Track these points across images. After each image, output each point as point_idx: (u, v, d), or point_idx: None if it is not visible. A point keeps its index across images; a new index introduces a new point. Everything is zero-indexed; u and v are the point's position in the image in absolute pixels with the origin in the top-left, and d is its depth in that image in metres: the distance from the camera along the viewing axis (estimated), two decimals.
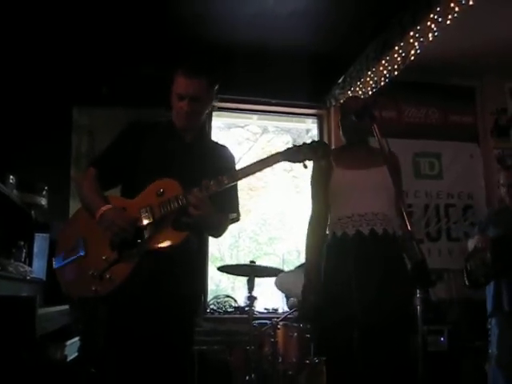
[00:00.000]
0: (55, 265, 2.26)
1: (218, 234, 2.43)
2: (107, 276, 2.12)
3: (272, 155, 2.17)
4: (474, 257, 3.58)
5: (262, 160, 2.17)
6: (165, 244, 2.13)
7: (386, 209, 2.61)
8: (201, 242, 2.40)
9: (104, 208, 2.16)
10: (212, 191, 2.13)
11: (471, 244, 3.70)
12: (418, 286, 2.32)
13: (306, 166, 2.15)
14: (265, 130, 6.98)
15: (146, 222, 2.14)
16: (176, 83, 2.31)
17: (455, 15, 3.52)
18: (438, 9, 3.56)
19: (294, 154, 2.13)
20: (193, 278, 2.32)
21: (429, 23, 3.70)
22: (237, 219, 2.44)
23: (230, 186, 2.28)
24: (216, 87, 2.39)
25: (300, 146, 2.15)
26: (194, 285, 2.33)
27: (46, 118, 4.73)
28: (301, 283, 2.69)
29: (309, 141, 2.18)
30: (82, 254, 2.20)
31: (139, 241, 2.14)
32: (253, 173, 2.19)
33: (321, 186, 2.74)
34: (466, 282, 3.61)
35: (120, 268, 2.13)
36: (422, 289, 2.37)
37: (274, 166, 2.16)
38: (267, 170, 2.22)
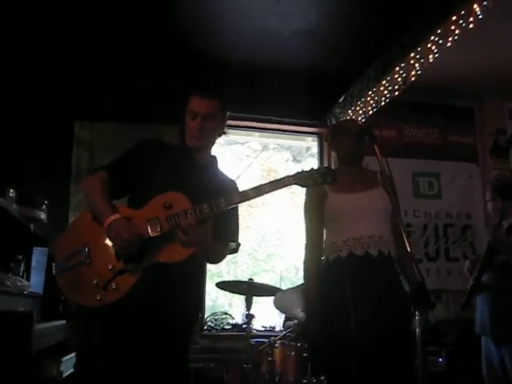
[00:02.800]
0: (56, 270, 2.22)
1: (213, 261, 2.44)
2: (112, 286, 2.11)
3: (283, 178, 2.19)
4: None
5: (273, 182, 2.19)
6: (170, 259, 2.12)
7: (381, 231, 2.60)
8: (204, 261, 2.41)
9: (112, 218, 2.14)
10: (222, 209, 2.12)
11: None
12: (416, 307, 2.30)
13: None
14: (265, 147, 6.99)
15: (152, 234, 2.13)
16: (190, 103, 2.37)
17: (455, 37, 3.55)
18: (439, 31, 3.59)
19: (304, 179, 2.18)
20: (192, 295, 2.32)
21: (429, 45, 3.73)
22: (235, 250, 2.44)
23: (231, 214, 2.30)
24: (227, 114, 2.46)
25: (309, 171, 2.19)
26: (192, 302, 2.33)
27: (47, 132, 4.74)
28: (298, 302, 2.68)
29: (316, 167, 2.23)
30: (85, 261, 2.17)
31: (145, 253, 2.13)
32: (263, 194, 2.19)
33: (315, 212, 2.71)
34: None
35: (125, 279, 2.11)
36: (421, 310, 2.34)
37: (284, 188, 2.19)
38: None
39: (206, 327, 4.97)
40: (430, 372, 4.09)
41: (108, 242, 2.16)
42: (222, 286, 4.11)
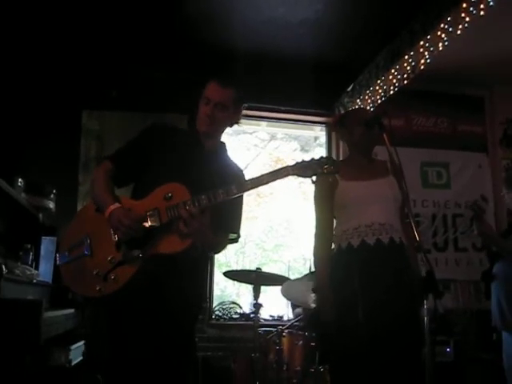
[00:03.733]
0: (59, 261, 2.26)
1: (213, 251, 2.44)
2: (111, 277, 2.12)
3: (282, 168, 2.16)
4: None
5: (271, 172, 2.15)
6: (169, 250, 2.12)
7: (392, 219, 2.60)
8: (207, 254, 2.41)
9: (113, 207, 2.15)
10: (220, 200, 2.11)
11: None
12: (425, 296, 2.29)
13: (314, 182, 2.16)
14: (273, 137, 6.98)
15: (152, 224, 2.13)
16: (206, 88, 2.36)
17: (465, 25, 3.51)
18: (449, 18, 3.55)
19: (304, 169, 2.13)
20: (195, 284, 2.32)
21: (439, 33, 3.70)
22: (236, 240, 2.43)
23: (234, 205, 2.30)
24: (242, 106, 2.44)
25: (309, 161, 2.14)
26: (195, 291, 2.33)
27: (55, 122, 4.75)
28: (307, 292, 2.68)
29: (317, 156, 2.17)
30: (87, 253, 2.19)
31: (145, 244, 2.13)
32: (262, 184, 2.17)
33: (326, 201, 2.71)
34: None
35: (124, 270, 2.12)
36: (431, 298, 2.33)
37: (284, 178, 2.15)
38: None
39: (213, 316, 4.99)
40: (437, 362, 4.09)
41: (109, 232, 2.17)
42: (230, 275, 4.12)
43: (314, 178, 2.13)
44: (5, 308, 2.66)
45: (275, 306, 5.40)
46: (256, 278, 3.83)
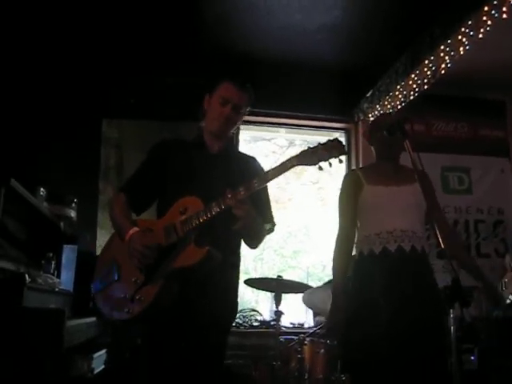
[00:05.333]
0: (93, 290, 2.33)
1: (259, 241, 2.39)
2: (137, 297, 2.15)
3: (286, 160, 2.09)
4: None
5: (276, 167, 2.10)
6: (188, 262, 2.11)
7: (415, 226, 2.58)
8: (234, 257, 2.38)
9: (131, 232, 2.20)
10: (242, 196, 2.08)
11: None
12: (450, 305, 2.26)
13: (321, 168, 2.04)
14: (291, 143, 6.95)
15: (169, 241, 2.15)
16: (222, 88, 2.36)
17: (487, 28, 3.47)
18: (470, 22, 3.51)
19: (309, 156, 2.04)
20: (222, 295, 2.30)
21: (460, 37, 3.66)
22: (272, 230, 2.41)
23: (261, 196, 2.30)
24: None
25: (314, 147, 2.05)
26: (222, 303, 2.30)
27: (75, 131, 4.79)
28: (328, 300, 2.65)
29: (323, 140, 2.08)
30: (115, 278, 2.26)
31: (165, 261, 2.15)
32: (269, 180, 2.13)
33: (350, 204, 2.72)
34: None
35: (148, 289, 2.14)
36: (456, 308, 2.29)
37: (290, 169, 2.07)
38: (294, 183, 2.16)
39: (234, 324, 4.97)
40: (463, 370, 4.03)
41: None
42: (251, 283, 4.10)
43: (322, 164, 2.03)
44: (28, 317, 2.68)
45: (295, 313, 5.36)
46: (277, 286, 3.81)
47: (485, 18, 3.40)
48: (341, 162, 2.05)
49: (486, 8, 3.35)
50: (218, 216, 2.09)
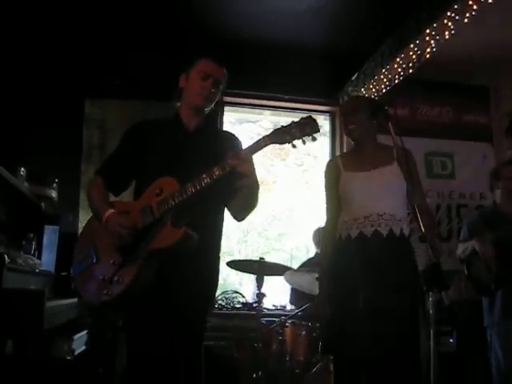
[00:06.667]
0: (73, 273, 2.34)
1: (251, 208, 2.36)
2: (115, 279, 2.15)
3: (260, 139, 2.09)
4: (476, 263, 3.50)
5: (250, 147, 2.10)
6: (165, 243, 2.11)
7: (393, 209, 2.58)
8: (214, 235, 2.37)
9: (107, 214, 2.20)
10: (205, 184, 2.08)
11: (464, 248, 3.60)
12: (430, 288, 2.28)
13: (294, 146, 2.04)
14: (276, 126, 6.94)
15: (146, 222, 2.15)
16: (201, 64, 2.38)
17: (473, 13, 3.46)
18: (456, 6, 3.51)
19: (281, 134, 2.04)
20: (201, 275, 2.29)
21: (446, 21, 3.65)
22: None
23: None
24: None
25: (287, 125, 2.05)
26: (202, 282, 2.30)
27: (57, 110, 4.73)
28: (310, 279, 2.68)
29: (297, 119, 2.07)
30: (94, 260, 2.25)
31: (142, 242, 2.14)
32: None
33: (331, 192, 2.74)
34: (475, 290, 3.57)
35: (126, 270, 2.14)
36: (435, 291, 2.32)
37: (264, 148, 2.07)
38: (279, 165, 2.15)
39: (216, 306, 4.99)
40: (441, 352, 4.09)
41: (110, 238, 2.20)
42: (233, 265, 4.10)
43: (295, 142, 2.02)
44: (7, 298, 2.65)
45: (278, 295, 5.39)
46: (259, 268, 3.82)
47: (470, 3, 3.40)
48: (314, 139, 2.04)
49: None
50: (196, 195, 2.09)
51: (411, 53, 4.11)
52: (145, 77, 4.87)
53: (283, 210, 7.64)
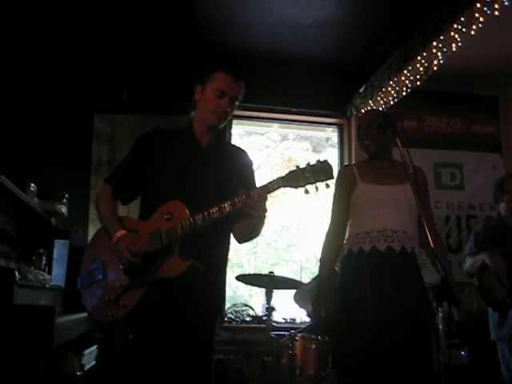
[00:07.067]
0: (80, 285, 2.32)
1: (254, 237, 2.37)
2: (120, 302, 2.14)
3: (273, 180, 2.04)
4: (487, 277, 3.47)
5: (262, 187, 2.06)
6: (170, 273, 2.10)
7: (406, 226, 2.58)
8: (223, 261, 2.38)
9: (118, 234, 2.17)
10: (213, 218, 2.07)
11: (473, 261, 3.57)
12: (439, 303, 2.27)
13: (307, 192, 1.99)
14: (284, 138, 6.95)
15: (154, 248, 2.14)
16: (218, 80, 2.30)
17: (480, 25, 3.46)
18: (463, 19, 3.50)
19: (295, 178, 1.99)
20: (211, 293, 2.30)
21: (452, 33, 3.65)
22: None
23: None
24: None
25: (302, 168, 2.00)
26: (212, 298, 2.31)
27: (67, 126, 4.77)
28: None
29: (313, 162, 2.01)
30: (100, 277, 2.24)
31: (149, 268, 2.14)
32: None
33: (342, 200, 2.72)
34: (487, 304, 3.55)
35: (131, 294, 2.13)
36: (445, 307, 2.31)
37: (276, 191, 2.03)
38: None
39: (226, 319, 4.97)
40: (452, 365, 4.06)
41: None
42: (243, 278, 4.10)
43: (309, 187, 1.98)
44: (18, 314, 2.67)
45: (288, 307, 5.37)
46: (268, 282, 3.81)
47: (477, 15, 3.39)
48: (327, 186, 2.01)
49: (478, 5, 3.34)
50: (204, 227, 2.09)
51: (418, 65, 4.11)
52: (153, 91, 4.90)
53: (292, 220, 7.63)
